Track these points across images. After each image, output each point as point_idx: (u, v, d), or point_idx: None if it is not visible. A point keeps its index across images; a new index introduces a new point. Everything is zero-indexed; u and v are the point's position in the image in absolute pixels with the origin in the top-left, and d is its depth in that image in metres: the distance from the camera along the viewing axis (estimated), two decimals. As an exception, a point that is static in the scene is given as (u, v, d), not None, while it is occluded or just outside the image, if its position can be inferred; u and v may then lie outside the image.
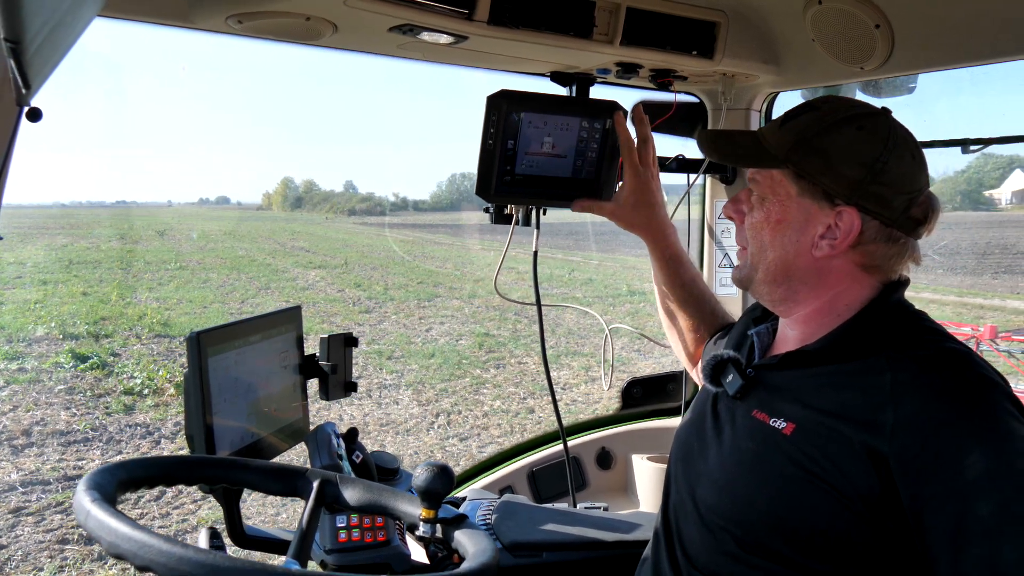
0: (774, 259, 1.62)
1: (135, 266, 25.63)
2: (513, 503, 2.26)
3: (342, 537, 1.78)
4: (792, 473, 1.45)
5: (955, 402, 1.36)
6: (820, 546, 1.43)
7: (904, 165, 1.51)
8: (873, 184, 1.49)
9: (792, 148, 1.55)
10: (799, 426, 1.47)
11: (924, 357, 1.43)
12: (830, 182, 1.51)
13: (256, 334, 1.82)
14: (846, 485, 1.39)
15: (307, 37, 1.95)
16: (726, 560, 1.53)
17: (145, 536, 1.07)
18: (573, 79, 2.33)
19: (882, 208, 1.50)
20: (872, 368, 1.45)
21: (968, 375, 1.39)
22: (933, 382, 1.38)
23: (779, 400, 1.54)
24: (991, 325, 11.60)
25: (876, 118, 1.54)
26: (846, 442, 1.40)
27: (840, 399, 1.45)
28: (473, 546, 1.34)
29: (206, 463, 1.51)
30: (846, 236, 1.52)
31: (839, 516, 1.40)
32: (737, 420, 1.61)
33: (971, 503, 1.28)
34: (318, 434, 1.89)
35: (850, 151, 1.51)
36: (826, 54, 2.19)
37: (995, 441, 1.31)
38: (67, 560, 6.11)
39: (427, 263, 28.64)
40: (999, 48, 2.00)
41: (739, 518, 1.52)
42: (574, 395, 11.17)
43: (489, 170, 2.12)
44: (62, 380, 11.16)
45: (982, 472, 1.29)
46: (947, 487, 1.30)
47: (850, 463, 1.39)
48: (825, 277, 1.57)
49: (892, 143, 1.50)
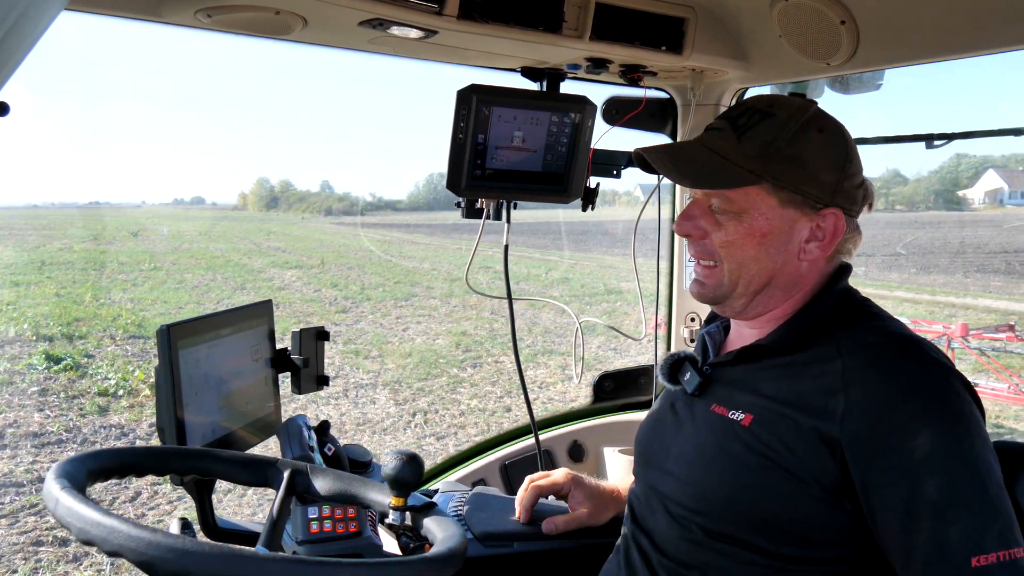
0: (758, 271, 1.58)
1: (109, 267, 25.41)
2: (485, 494, 2.27)
3: (314, 528, 1.78)
4: (751, 461, 1.47)
5: (904, 385, 1.39)
6: (783, 531, 1.45)
7: (856, 156, 1.58)
8: (845, 182, 1.54)
9: (764, 161, 1.52)
10: (756, 416, 1.50)
11: (874, 343, 1.47)
12: (812, 189, 1.53)
13: (227, 328, 1.83)
14: (803, 470, 1.42)
15: (277, 31, 1.95)
16: (694, 548, 1.55)
17: (114, 522, 1.08)
18: (543, 74, 2.34)
19: (852, 204, 1.57)
20: (824, 356, 1.48)
21: (917, 358, 1.42)
22: (882, 366, 1.42)
23: (737, 393, 1.57)
24: (963, 323, 11.71)
25: (820, 117, 1.57)
26: (800, 429, 1.43)
27: (795, 388, 1.48)
28: (441, 532, 1.36)
29: (177, 453, 1.52)
30: (832, 237, 1.55)
31: (799, 501, 1.43)
32: (696, 416, 1.63)
33: (919, 482, 1.32)
34: (289, 426, 1.89)
35: (823, 156, 1.53)
36: (793, 50, 2.22)
37: (943, 422, 1.35)
38: (41, 562, 6.06)
39: (404, 262, 28.62)
40: (963, 45, 2.03)
41: (703, 508, 1.54)
42: (550, 393, 11.19)
43: (460, 164, 2.13)
44: (35, 382, 11.05)
45: (929, 452, 1.32)
46: (896, 467, 1.34)
47: (805, 449, 1.42)
48: (802, 279, 1.60)
49: (844, 140, 1.57)
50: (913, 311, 16.84)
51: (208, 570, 1.04)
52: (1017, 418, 10.14)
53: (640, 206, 2.77)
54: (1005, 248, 32.01)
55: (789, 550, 1.46)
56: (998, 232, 38.79)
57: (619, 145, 2.61)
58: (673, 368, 1.71)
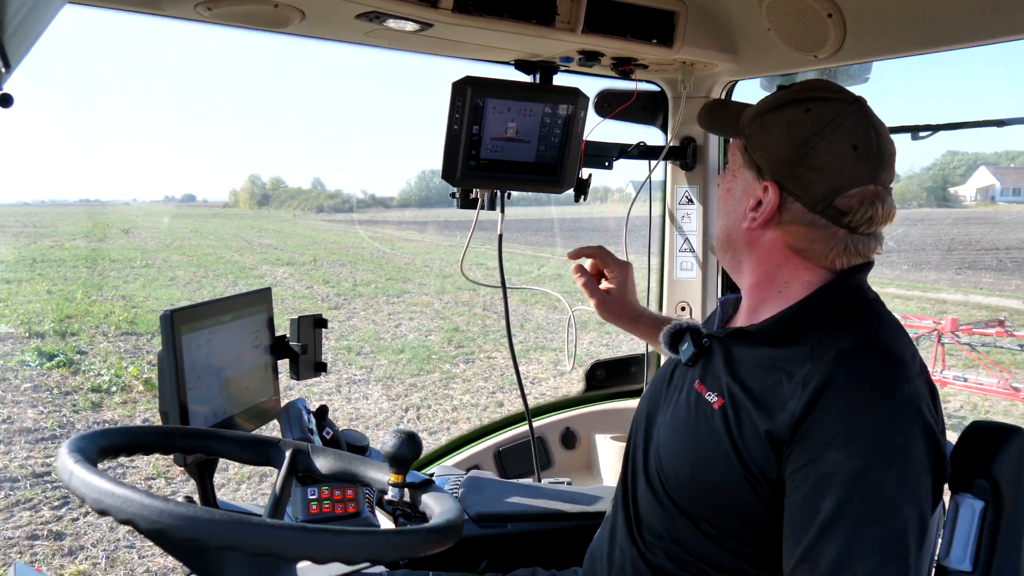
0: (721, 227, 1.68)
1: (100, 264, 25.33)
2: (480, 478, 2.32)
3: (313, 508, 1.82)
4: (714, 448, 1.48)
5: (850, 401, 1.37)
6: (737, 522, 1.48)
7: (837, 154, 1.48)
8: (797, 166, 1.49)
9: (751, 122, 1.60)
10: (727, 402, 1.50)
11: (846, 351, 1.42)
12: (762, 157, 1.54)
13: (228, 314, 1.86)
14: (755, 469, 1.43)
15: (275, 24, 1.98)
16: (663, 517, 1.58)
17: (128, 491, 1.11)
18: (537, 67, 2.38)
19: (801, 191, 1.50)
20: (798, 356, 1.46)
21: (882, 378, 1.40)
22: (840, 378, 1.38)
23: (720, 373, 1.56)
24: (952, 318, 11.76)
25: (829, 103, 1.51)
26: (756, 427, 1.43)
27: (764, 382, 1.48)
28: (439, 506, 1.40)
29: (182, 433, 1.56)
30: (765, 210, 1.53)
31: (750, 496, 1.43)
32: (684, 389, 1.65)
33: (818, 494, 1.32)
34: (289, 409, 1.93)
35: (786, 130, 1.52)
36: (781, 43, 2.25)
37: (864, 448, 1.32)
38: (37, 556, 6.08)
39: (396, 259, 28.59)
40: (950, 37, 2.06)
41: (672, 482, 1.56)
42: (543, 389, 11.21)
43: (455, 155, 2.17)
44: (28, 378, 11.04)
45: (838, 469, 1.31)
46: (806, 473, 1.35)
47: (758, 448, 1.42)
48: (757, 250, 1.60)
49: (830, 130, 1.48)
50: (904, 307, 16.87)
51: (218, 537, 1.08)
52: (1006, 413, 10.20)
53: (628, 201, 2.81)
54: (996, 245, 32.08)
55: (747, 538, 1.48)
56: (989, 229, 38.88)
57: (611, 137, 2.65)
58: (675, 337, 1.72)
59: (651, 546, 1.61)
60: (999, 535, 1.51)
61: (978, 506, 1.52)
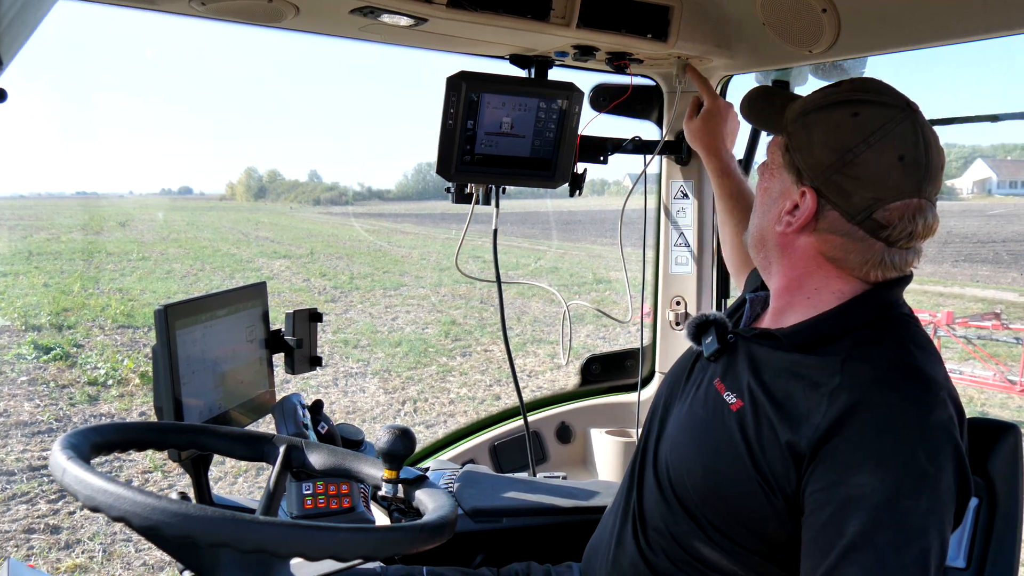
0: (755, 224, 1.64)
1: (97, 257, 25.29)
2: (475, 472, 2.32)
3: (308, 504, 1.83)
4: (727, 450, 1.46)
5: (882, 424, 1.33)
6: (743, 528, 1.46)
7: (882, 164, 1.42)
8: (838, 173, 1.44)
9: (794, 120, 1.54)
10: (747, 404, 1.47)
11: (877, 369, 1.39)
12: (802, 159, 1.49)
13: (223, 308, 1.86)
14: (771, 477, 1.39)
15: (270, 19, 1.98)
16: (666, 514, 1.57)
17: (120, 488, 1.11)
18: (532, 61, 2.38)
19: (840, 199, 1.45)
20: (827, 367, 1.42)
21: (911, 403, 1.35)
22: (872, 400, 1.34)
23: (742, 373, 1.53)
24: (948, 311, 11.75)
25: (880, 108, 1.45)
26: (776, 434, 1.40)
27: (788, 389, 1.44)
28: (433, 502, 1.40)
29: (176, 429, 1.56)
30: (801, 217, 1.49)
31: (762, 504, 1.41)
32: (703, 384, 1.62)
33: (843, 517, 1.29)
34: (284, 404, 1.93)
35: (831, 134, 1.46)
36: (776, 37, 2.25)
37: (895, 474, 1.28)
38: (33, 549, 6.08)
39: (393, 251, 28.57)
40: (945, 32, 2.04)
41: (680, 479, 1.55)
42: (540, 382, 11.22)
43: (449, 150, 2.17)
44: (24, 371, 11.02)
45: (867, 493, 1.28)
46: (830, 494, 1.31)
47: (777, 457, 1.39)
48: (790, 254, 1.55)
49: (877, 138, 1.42)
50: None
51: (211, 534, 1.07)
52: (1003, 405, 10.22)
53: (623, 195, 2.81)
54: (992, 237, 32.13)
55: (751, 545, 1.46)
56: (986, 221, 38.90)
57: (606, 132, 2.65)
58: (699, 329, 1.69)
59: (652, 543, 1.60)
60: (993, 532, 1.51)
61: (973, 503, 1.52)
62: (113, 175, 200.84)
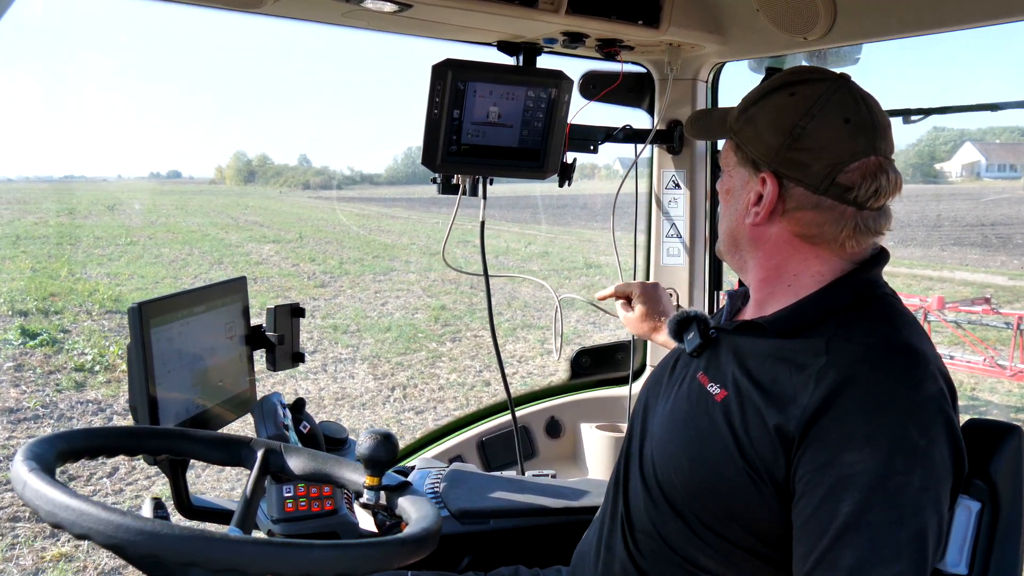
0: (725, 228, 1.65)
1: (85, 241, 25.17)
2: (461, 471, 2.28)
3: (289, 506, 1.78)
4: (713, 442, 1.44)
5: (872, 402, 1.31)
6: (733, 523, 1.44)
7: (830, 131, 1.45)
8: (791, 151, 1.47)
9: (737, 118, 1.58)
10: (731, 394, 1.47)
11: (864, 349, 1.38)
12: (754, 150, 1.52)
13: (200, 305, 1.81)
14: (759, 465, 1.38)
15: (250, 4, 1.93)
16: (654, 515, 1.55)
17: (83, 504, 1.06)
18: (519, 48, 2.33)
19: (800, 173, 1.47)
20: (812, 348, 1.42)
21: (900, 379, 1.34)
22: (860, 377, 1.34)
23: (726, 364, 1.53)
24: (939, 296, 11.78)
25: (814, 84, 1.49)
26: (763, 420, 1.39)
27: (774, 373, 1.43)
28: (416, 512, 1.36)
29: (148, 433, 1.51)
30: (767, 202, 1.51)
31: (751, 493, 1.39)
32: (686, 380, 1.62)
33: (836, 497, 1.28)
34: (264, 404, 1.88)
35: (774, 118, 1.50)
36: (770, 24, 2.21)
37: (887, 450, 1.27)
38: (19, 538, 6.04)
39: (382, 237, 28.53)
40: (939, 19, 2.03)
41: (667, 476, 1.53)
42: (530, 367, 11.22)
43: (435, 140, 2.12)
44: (11, 357, 10.96)
45: (858, 471, 1.27)
46: (821, 475, 1.30)
47: (764, 442, 1.38)
48: (764, 245, 1.56)
49: (818, 108, 1.46)
50: (891, 285, 16.90)
51: (178, 553, 1.03)
52: (992, 390, 10.26)
53: (619, 179, 2.77)
54: (982, 221, 32.22)
55: (741, 542, 1.44)
56: (975, 205, 39.02)
57: (596, 120, 2.60)
58: (680, 326, 1.69)
59: (642, 548, 1.57)
60: (996, 537, 1.47)
61: (975, 507, 1.48)
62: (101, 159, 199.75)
